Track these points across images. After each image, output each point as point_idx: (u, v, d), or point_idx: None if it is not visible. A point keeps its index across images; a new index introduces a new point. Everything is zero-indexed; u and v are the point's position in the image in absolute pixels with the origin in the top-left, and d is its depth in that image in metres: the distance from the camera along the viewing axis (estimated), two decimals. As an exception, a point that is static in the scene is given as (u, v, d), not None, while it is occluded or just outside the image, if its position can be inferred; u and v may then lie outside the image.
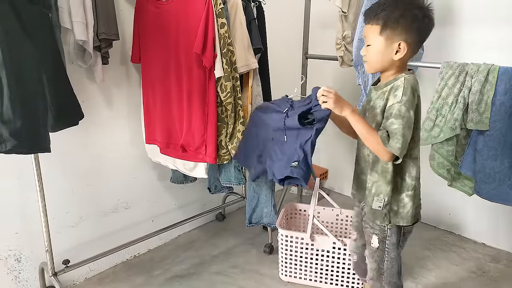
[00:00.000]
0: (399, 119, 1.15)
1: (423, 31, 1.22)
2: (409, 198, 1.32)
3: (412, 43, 1.20)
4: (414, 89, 1.19)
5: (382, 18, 1.18)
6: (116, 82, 1.91)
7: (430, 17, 1.20)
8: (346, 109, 1.25)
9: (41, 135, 1.35)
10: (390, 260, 1.37)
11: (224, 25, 1.62)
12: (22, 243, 1.74)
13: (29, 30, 1.26)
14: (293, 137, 1.50)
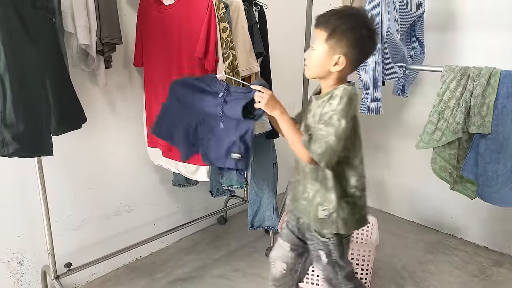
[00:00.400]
0: (328, 127, 1.14)
1: (365, 51, 1.21)
2: (349, 206, 1.26)
3: (352, 59, 1.19)
4: (351, 99, 1.16)
5: (331, 27, 1.17)
6: (118, 86, 1.92)
7: (375, 41, 1.20)
8: (276, 110, 1.26)
9: (43, 139, 1.35)
10: (341, 269, 1.36)
11: (226, 29, 1.63)
12: (24, 246, 1.75)
13: (33, 34, 1.27)
14: (232, 127, 1.43)
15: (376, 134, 2.76)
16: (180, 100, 1.52)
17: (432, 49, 2.22)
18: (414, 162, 2.55)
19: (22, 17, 1.25)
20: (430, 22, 2.21)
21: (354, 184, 1.25)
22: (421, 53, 2.20)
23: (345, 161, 1.23)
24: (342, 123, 1.13)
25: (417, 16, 2.04)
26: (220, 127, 1.44)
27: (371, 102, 1.91)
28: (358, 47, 1.17)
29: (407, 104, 2.53)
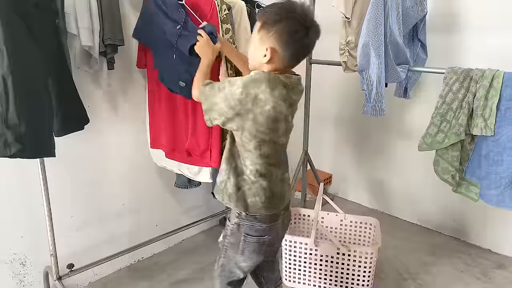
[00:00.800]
0: (223, 84, 1.16)
1: (295, 46, 1.15)
2: (239, 184, 1.24)
3: (282, 53, 1.15)
4: (256, 82, 1.12)
5: (263, 18, 1.16)
6: (121, 87, 1.92)
7: (305, 36, 1.14)
8: (204, 58, 1.37)
9: (46, 140, 1.36)
10: (222, 263, 1.39)
11: (229, 31, 1.64)
12: (27, 247, 1.75)
13: (36, 35, 1.27)
14: (184, 59, 1.52)
15: (379, 136, 2.75)
16: (154, 15, 1.59)
17: (434, 51, 2.22)
18: (417, 164, 2.54)
19: (25, 19, 1.25)
20: (433, 24, 2.21)
21: (249, 167, 1.22)
22: (424, 55, 2.19)
23: (241, 141, 1.20)
24: (232, 88, 1.12)
25: (419, 18, 2.04)
26: (173, 57, 1.52)
27: (374, 104, 1.90)
28: (285, 41, 1.13)
29: (409, 106, 2.53)
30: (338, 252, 1.84)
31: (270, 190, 1.24)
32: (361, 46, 1.84)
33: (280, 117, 1.18)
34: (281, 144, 1.25)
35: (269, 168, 1.23)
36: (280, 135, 1.22)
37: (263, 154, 1.20)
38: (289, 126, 1.26)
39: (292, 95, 1.21)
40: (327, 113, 3.02)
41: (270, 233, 1.30)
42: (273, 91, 1.13)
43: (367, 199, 2.92)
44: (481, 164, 1.80)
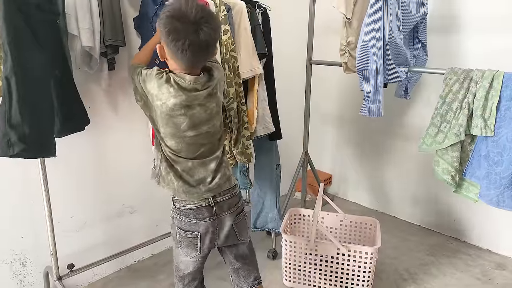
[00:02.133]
0: (139, 71, 1.25)
1: (171, 47, 1.15)
2: (163, 174, 1.32)
3: (167, 51, 1.20)
4: (149, 77, 1.21)
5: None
6: (122, 88, 1.92)
7: (170, 34, 1.13)
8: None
9: (47, 140, 1.36)
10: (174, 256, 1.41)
11: (227, 32, 1.64)
12: (27, 247, 1.75)
13: (38, 36, 1.28)
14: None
15: (379, 136, 2.76)
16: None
17: (435, 52, 2.22)
18: (416, 164, 2.54)
19: (27, 20, 1.26)
20: (433, 25, 2.21)
21: (167, 154, 1.28)
22: (424, 56, 2.19)
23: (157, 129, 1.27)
24: (139, 78, 1.24)
25: (420, 18, 2.04)
26: (153, 35, 1.56)
27: (372, 104, 1.90)
28: (166, 40, 1.15)
29: (409, 106, 2.53)
30: (338, 252, 1.84)
31: (181, 180, 1.28)
32: (360, 46, 1.85)
33: (174, 114, 1.20)
34: (189, 137, 1.25)
35: (177, 159, 1.27)
36: (185, 130, 1.23)
37: (169, 147, 1.26)
38: (195, 120, 1.23)
39: (185, 93, 1.19)
40: (327, 113, 3.02)
41: (199, 229, 1.30)
42: (160, 87, 1.18)
43: (367, 199, 2.93)
44: (481, 164, 1.81)
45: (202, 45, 1.15)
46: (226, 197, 1.33)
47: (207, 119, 1.26)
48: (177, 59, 1.18)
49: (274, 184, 2.14)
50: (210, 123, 1.27)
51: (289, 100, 2.61)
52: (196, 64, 1.21)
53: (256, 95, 1.82)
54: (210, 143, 1.31)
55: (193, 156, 1.28)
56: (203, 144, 1.29)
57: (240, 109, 1.74)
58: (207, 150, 1.30)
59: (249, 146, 1.76)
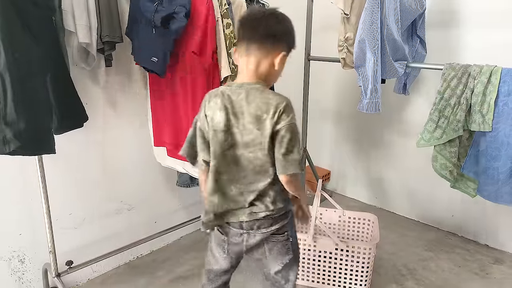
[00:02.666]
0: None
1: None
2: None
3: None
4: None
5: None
6: (119, 84, 1.92)
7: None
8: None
9: (45, 137, 1.36)
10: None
11: (230, 25, 1.64)
12: (25, 244, 1.75)
13: (33, 32, 1.27)
14: (160, 32, 1.59)
15: (377, 132, 2.76)
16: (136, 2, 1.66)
17: (433, 47, 2.22)
18: (415, 160, 2.55)
19: (22, 15, 1.25)
20: (431, 20, 2.21)
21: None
22: (423, 51, 2.19)
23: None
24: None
25: (418, 14, 2.04)
26: (152, 32, 1.58)
27: (369, 100, 1.90)
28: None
29: (408, 102, 2.53)
30: (336, 248, 1.85)
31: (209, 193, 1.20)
32: (357, 42, 1.84)
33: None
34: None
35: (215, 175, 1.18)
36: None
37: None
38: (235, 139, 1.15)
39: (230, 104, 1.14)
40: (325, 110, 3.02)
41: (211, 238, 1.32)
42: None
43: (365, 195, 2.93)
44: (478, 159, 1.81)
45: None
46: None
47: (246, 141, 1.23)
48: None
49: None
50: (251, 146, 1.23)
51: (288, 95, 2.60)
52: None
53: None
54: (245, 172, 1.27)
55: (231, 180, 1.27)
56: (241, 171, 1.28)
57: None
58: (241, 178, 1.28)
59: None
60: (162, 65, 1.62)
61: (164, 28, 1.57)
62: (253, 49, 1.13)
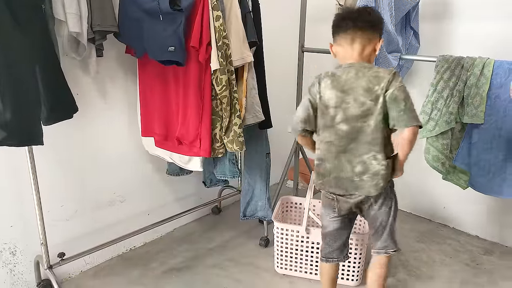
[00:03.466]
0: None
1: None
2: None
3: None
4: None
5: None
6: (110, 75, 1.90)
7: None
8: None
9: (32, 128, 1.34)
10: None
11: (220, 18, 1.61)
12: (17, 236, 1.74)
13: (21, 21, 1.25)
14: (166, 21, 1.55)
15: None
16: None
17: (427, 39, 2.21)
18: (408, 153, 2.55)
19: (9, 4, 1.22)
20: (425, 12, 2.20)
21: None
22: (416, 43, 2.19)
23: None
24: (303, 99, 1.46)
25: (412, 5, 2.03)
26: (160, 19, 1.55)
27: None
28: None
29: (401, 94, 2.53)
30: (329, 240, 1.85)
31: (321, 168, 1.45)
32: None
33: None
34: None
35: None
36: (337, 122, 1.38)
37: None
38: (349, 113, 1.36)
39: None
40: (319, 101, 3.01)
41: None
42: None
43: (358, 187, 2.94)
44: (471, 152, 1.82)
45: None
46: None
47: (355, 114, 1.41)
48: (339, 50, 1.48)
49: (264, 173, 2.14)
50: (359, 118, 1.42)
51: (281, 88, 2.60)
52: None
53: (245, 83, 1.81)
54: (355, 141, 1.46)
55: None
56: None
57: (233, 97, 1.73)
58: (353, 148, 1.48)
59: (241, 134, 1.75)
60: (182, 52, 1.56)
61: (173, 10, 1.51)
62: (358, 37, 1.36)
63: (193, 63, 1.65)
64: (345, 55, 1.41)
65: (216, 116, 1.72)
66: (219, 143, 1.75)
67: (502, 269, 2.08)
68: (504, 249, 2.26)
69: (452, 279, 1.99)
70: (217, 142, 1.75)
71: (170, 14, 1.53)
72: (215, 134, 1.74)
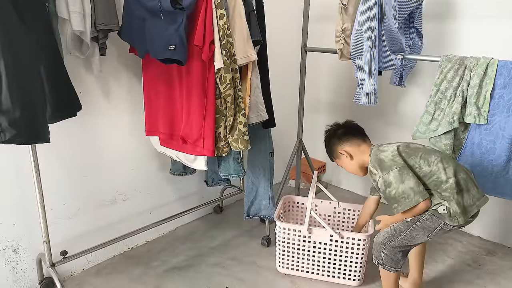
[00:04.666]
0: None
1: (348, 133, 1.75)
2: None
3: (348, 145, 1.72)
4: (380, 159, 1.58)
5: (329, 155, 1.85)
6: (114, 73, 1.90)
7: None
8: (399, 218, 1.62)
9: (40, 126, 1.34)
10: (406, 235, 1.64)
11: (223, 16, 1.61)
12: (19, 234, 1.75)
13: (26, 19, 1.25)
14: (167, 20, 1.55)
15: (373, 124, 2.76)
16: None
17: (430, 39, 2.21)
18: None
19: (15, 3, 1.22)
20: (429, 12, 2.19)
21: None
22: (419, 43, 2.18)
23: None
24: (393, 175, 1.52)
25: (415, 5, 2.02)
26: (161, 18, 1.54)
27: (365, 92, 1.89)
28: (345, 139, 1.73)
29: (404, 94, 2.53)
30: (331, 239, 1.86)
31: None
32: (354, 33, 1.83)
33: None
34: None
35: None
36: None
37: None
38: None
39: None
40: (321, 101, 3.01)
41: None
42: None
43: (360, 187, 2.94)
44: (474, 152, 1.82)
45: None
46: None
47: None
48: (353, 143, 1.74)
49: (268, 172, 2.14)
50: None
51: (284, 87, 2.60)
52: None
53: (249, 82, 1.81)
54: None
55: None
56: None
57: (237, 96, 1.72)
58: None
59: (246, 133, 1.75)
60: (183, 51, 1.54)
61: (175, 9, 1.50)
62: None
63: (196, 61, 1.65)
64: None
65: (220, 115, 1.72)
66: (224, 142, 1.75)
67: (505, 270, 2.07)
68: (507, 250, 2.25)
69: (454, 280, 1.99)
70: (222, 141, 1.75)
71: (171, 13, 1.52)
72: (219, 133, 1.74)
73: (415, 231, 1.58)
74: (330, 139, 1.77)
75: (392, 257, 1.64)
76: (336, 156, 1.76)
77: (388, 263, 1.65)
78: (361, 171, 1.72)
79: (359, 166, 1.70)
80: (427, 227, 1.56)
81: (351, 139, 1.70)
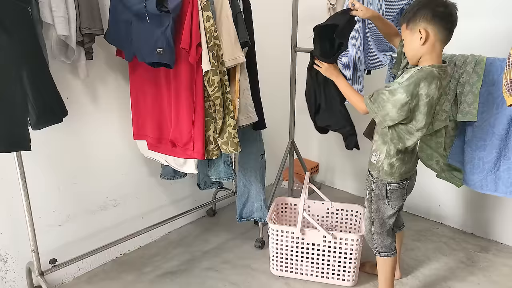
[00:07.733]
0: (384, 94, 1.41)
1: (444, 19, 1.41)
2: (391, 163, 1.58)
3: (433, 31, 1.37)
4: (419, 81, 1.35)
5: (405, 18, 1.42)
6: (100, 78, 1.87)
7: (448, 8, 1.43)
8: (332, 76, 1.65)
9: (19, 133, 1.31)
10: (374, 212, 1.68)
11: (210, 18, 1.60)
12: (7, 243, 1.72)
13: (7, 25, 1.22)
14: (154, 23, 1.54)
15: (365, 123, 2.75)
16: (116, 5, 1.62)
17: (419, 37, 2.21)
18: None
19: (-6, 7, 1.20)
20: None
21: (403, 148, 1.51)
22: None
23: (404, 127, 1.45)
24: (401, 96, 1.35)
25: (404, 3, 2.02)
26: (147, 21, 1.54)
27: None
28: (432, 17, 1.37)
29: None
30: (324, 240, 1.85)
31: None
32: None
33: (433, 104, 1.41)
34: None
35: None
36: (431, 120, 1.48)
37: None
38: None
39: (443, 83, 1.41)
40: (313, 101, 3.00)
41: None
42: (430, 85, 1.35)
43: (354, 187, 2.94)
44: (464, 149, 1.82)
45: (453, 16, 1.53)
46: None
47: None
48: (443, 39, 1.42)
49: (259, 174, 2.13)
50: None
51: (275, 88, 2.59)
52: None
53: (238, 84, 1.79)
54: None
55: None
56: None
57: (226, 98, 1.71)
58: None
59: (236, 135, 1.74)
60: (170, 54, 1.53)
61: (160, 12, 1.49)
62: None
63: (184, 64, 1.63)
64: (439, 54, 1.42)
65: (209, 117, 1.71)
66: (213, 145, 1.74)
67: (498, 266, 2.08)
68: (500, 246, 2.26)
69: (448, 277, 1.99)
70: (211, 144, 1.73)
71: (157, 16, 1.51)
72: (208, 136, 1.72)
73: (375, 203, 1.66)
74: (426, 7, 1.38)
75: (383, 241, 1.67)
76: (411, 28, 1.40)
77: (382, 249, 1.68)
78: (415, 59, 1.44)
79: (417, 56, 1.42)
80: (378, 194, 1.66)
81: (442, 32, 1.39)
